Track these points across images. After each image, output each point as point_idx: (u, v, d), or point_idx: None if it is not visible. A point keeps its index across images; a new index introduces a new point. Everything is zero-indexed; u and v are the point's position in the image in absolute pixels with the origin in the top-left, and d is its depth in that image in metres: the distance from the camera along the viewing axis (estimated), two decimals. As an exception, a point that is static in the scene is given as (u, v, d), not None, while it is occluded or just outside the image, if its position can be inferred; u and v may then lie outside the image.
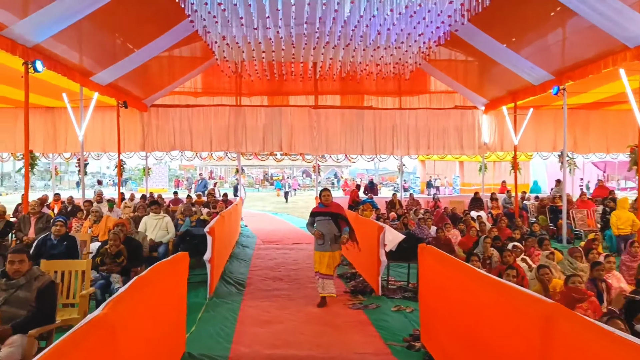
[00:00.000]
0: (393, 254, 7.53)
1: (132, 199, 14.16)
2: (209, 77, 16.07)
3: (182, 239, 7.95)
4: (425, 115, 16.29)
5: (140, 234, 7.41)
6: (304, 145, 16.03)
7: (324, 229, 6.63)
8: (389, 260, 7.54)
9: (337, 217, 6.71)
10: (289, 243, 12.44)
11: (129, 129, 15.57)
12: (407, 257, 7.68)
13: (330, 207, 6.74)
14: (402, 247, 7.47)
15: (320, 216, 6.71)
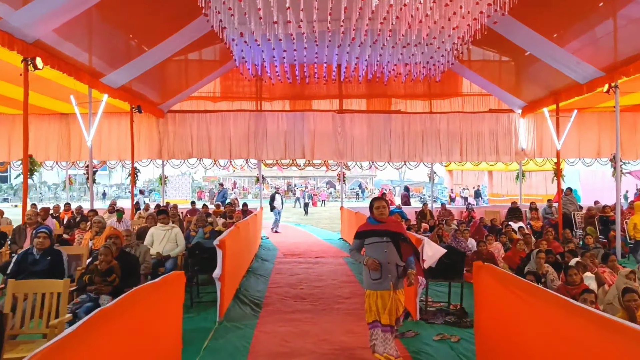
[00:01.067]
0: (432, 271, 6.49)
1: (147, 209, 13.42)
2: (228, 81, 15.32)
3: (191, 253, 7.07)
4: (458, 119, 15.23)
5: (141, 247, 6.54)
6: (327, 152, 15.11)
7: (381, 257, 4.43)
8: (427, 279, 6.51)
9: (398, 238, 4.50)
10: (312, 256, 11.47)
11: (144, 135, 14.90)
12: (448, 274, 6.65)
13: (388, 225, 4.55)
14: (442, 262, 6.42)
15: (373, 237, 4.54)
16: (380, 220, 4.55)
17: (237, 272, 7.78)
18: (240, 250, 8.00)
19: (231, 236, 6.80)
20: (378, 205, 4.59)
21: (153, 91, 13.78)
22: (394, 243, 4.46)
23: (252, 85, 15.22)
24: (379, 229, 4.50)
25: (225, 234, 6.51)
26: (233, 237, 7.03)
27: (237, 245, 7.63)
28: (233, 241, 6.98)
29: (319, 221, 22.34)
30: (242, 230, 8.36)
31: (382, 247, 4.43)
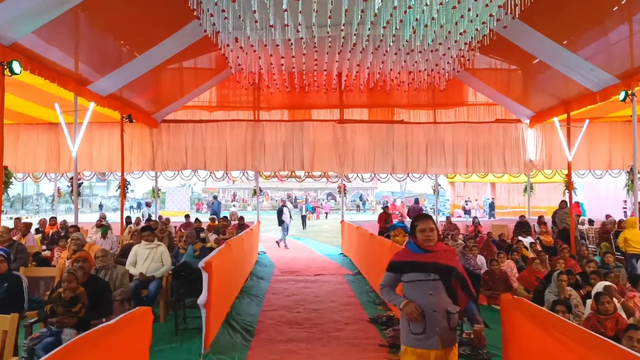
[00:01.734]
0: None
1: (138, 224, 12.80)
2: (224, 90, 14.77)
3: (176, 274, 6.43)
4: (463, 129, 14.64)
5: (119, 269, 5.89)
6: (328, 164, 14.51)
7: (426, 301, 3.24)
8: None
9: (450, 274, 3.29)
10: (311, 274, 10.81)
11: (137, 146, 14.31)
12: (460, 298, 5.99)
13: (438, 255, 3.31)
14: (455, 286, 5.77)
15: (415, 273, 3.31)
16: (427, 247, 3.29)
17: (228, 294, 7.14)
18: (232, 271, 7.36)
19: (220, 256, 6.16)
20: (424, 227, 3.32)
21: (145, 100, 13.21)
22: (444, 282, 3.23)
23: (249, 94, 14.66)
24: (424, 262, 3.26)
25: (213, 254, 5.87)
26: (223, 256, 6.39)
27: (229, 265, 6.99)
28: (223, 261, 6.34)
29: (319, 234, 21.69)
30: (235, 248, 7.72)
31: (428, 287, 3.22)
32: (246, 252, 9.60)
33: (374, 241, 9.03)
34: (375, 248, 8.66)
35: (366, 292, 8.71)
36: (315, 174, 15.29)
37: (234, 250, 7.57)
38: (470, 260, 9.08)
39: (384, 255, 7.57)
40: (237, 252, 8.09)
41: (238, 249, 8.23)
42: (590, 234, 13.04)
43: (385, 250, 7.61)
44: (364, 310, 7.54)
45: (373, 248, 8.98)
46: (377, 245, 8.51)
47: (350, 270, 11.34)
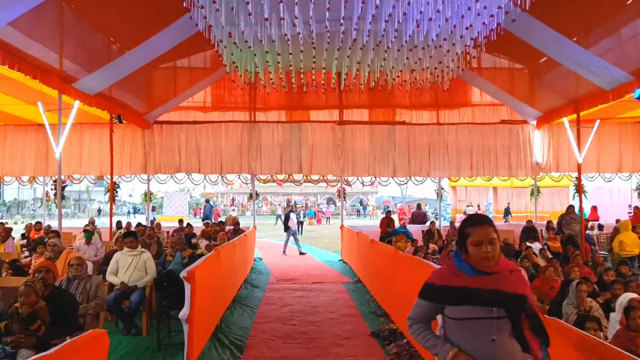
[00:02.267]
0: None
1: (129, 228, 12.24)
2: (219, 90, 14.24)
3: (158, 284, 5.89)
4: (467, 131, 14.11)
5: (94, 279, 5.33)
6: (327, 167, 13.97)
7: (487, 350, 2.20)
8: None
9: (520, 307, 2.22)
10: (309, 282, 10.25)
11: (128, 148, 13.78)
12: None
13: (501, 279, 2.24)
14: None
15: (468, 305, 2.24)
16: (485, 266, 2.24)
17: (217, 306, 6.58)
18: (221, 280, 6.80)
19: (207, 265, 5.61)
20: (480, 239, 2.25)
21: (137, 100, 12.70)
22: (512, 319, 2.20)
23: (245, 95, 14.15)
24: (482, 289, 2.21)
25: (198, 262, 5.32)
26: (210, 265, 5.84)
27: (217, 275, 6.44)
28: (210, 270, 5.79)
29: (318, 240, 21.12)
30: (226, 256, 7.18)
31: (490, 329, 2.19)
32: (239, 259, 9.05)
33: (375, 248, 8.48)
34: (377, 255, 8.12)
35: (367, 302, 8.15)
36: (314, 178, 14.73)
37: (224, 258, 7.02)
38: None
39: (387, 263, 7.03)
40: (228, 260, 7.54)
41: (229, 256, 7.68)
42: (600, 239, 12.48)
43: (388, 257, 7.07)
44: (364, 322, 6.99)
45: (374, 255, 8.43)
46: (379, 252, 7.97)
47: (350, 278, 10.79)
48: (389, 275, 6.92)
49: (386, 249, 7.41)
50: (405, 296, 5.77)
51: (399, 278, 6.35)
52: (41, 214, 45.86)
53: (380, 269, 7.73)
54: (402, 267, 6.25)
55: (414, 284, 5.53)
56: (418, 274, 5.48)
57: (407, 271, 5.97)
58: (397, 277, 6.48)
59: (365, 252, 9.44)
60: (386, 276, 7.12)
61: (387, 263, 7.11)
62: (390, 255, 6.90)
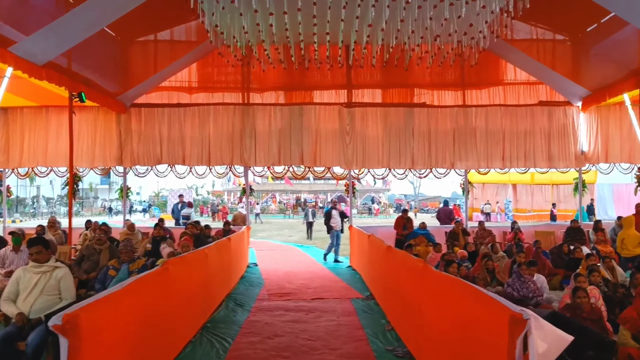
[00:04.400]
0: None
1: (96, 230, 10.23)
2: (207, 68, 12.18)
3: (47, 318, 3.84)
4: (499, 114, 11.93)
5: None
6: (333, 157, 11.86)
7: None
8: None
9: None
10: (307, 298, 8.15)
11: (101, 136, 11.77)
12: None
13: None
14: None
15: None
16: None
17: (166, 343, 4.50)
18: (172, 309, 4.71)
19: (132, 292, 3.55)
20: None
21: (107, 77, 10.73)
22: None
23: (237, 73, 12.07)
24: None
25: (97, 297, 3.24)
26: (142, 291, 3.78)
27: (161, 304, 4.36)
28: (135, 303, 3.72)
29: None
30: (184, 271, 5.12)
31: None
32: (215, 271, 6.96)
33: (393, 257, 6.36)
34: (397, 267, 6.00)
35: (382, 332, 6.03)
36: (318, 170, 12.63)
37: (181, 275, 4.95)
38: (528, 284, 6.43)
39: (412, 282, 4.94)
40: (191, 276, 5.48)
41: (194, 270, 5.61)
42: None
43: (413, 274, 4.97)
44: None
45: (392, 266, 6.32)
46: (399, 264, 5.85)
47: (360, 291, 8.69)
48: (415, 299, 4.84)
49: (410, 262, 5.28)
50: (445, 338, 3.71)
51: (433, 307, 4.26)
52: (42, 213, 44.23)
53: (401, 288, 5.63)
54: (438, 292, 4.16)
55: (458, 319, 3.47)
56: (466, 305, 3.41)
57: (447, 298, 3.88)
58: (429, 305, 4.39)
59: (379, 260, 7.32)
60: (411, 300, 5.03)
61: (412, 281, 5.02)
62: (417, 271, 4.79)
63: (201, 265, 6.08)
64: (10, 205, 50.69)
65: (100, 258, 6.69)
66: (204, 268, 6.19)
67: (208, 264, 6.37)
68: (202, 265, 6.11)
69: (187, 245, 6.48)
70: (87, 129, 11.74)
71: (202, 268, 6.13)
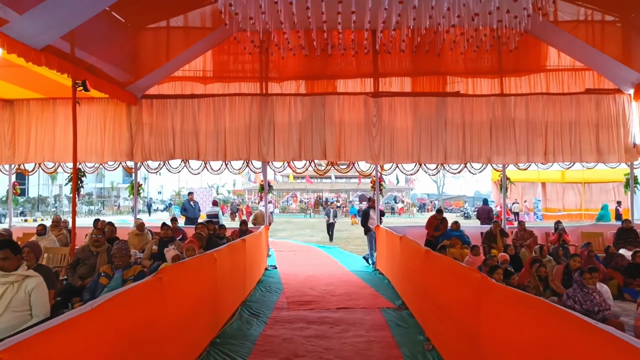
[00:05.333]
0: None
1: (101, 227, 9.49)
2: (222, 56, 11.35)
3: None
4: (540, 104, 10.84)
5: None
6: (358, 151, 10.92)
7: None
8: None
9: None
10: (332, 307, 7.24)
11: (111, 129, 11.05)
12: None
13: None
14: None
15: None
16: None
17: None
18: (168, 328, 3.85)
19: (97, 318, 2.69)
20: None
21: (115, 65, 9.98)
22: None
23: (254, 61, 11.22)
24: None
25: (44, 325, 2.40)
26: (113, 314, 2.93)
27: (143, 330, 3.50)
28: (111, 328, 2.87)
29: (348, 242, 18.07)
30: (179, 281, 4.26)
31: None
32: (225, 278, 6.09)
33: (433, 263, 5.39)
34: (438, 275, 5.05)
35: (421, 352, 5.08)
36: (342, 166, 11.71)
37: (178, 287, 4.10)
38: (593, 296, 5.43)
39: (459, 292, 4.00)
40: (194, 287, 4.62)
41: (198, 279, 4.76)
42: None
43: (463, 283, 4.03)
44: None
45: (432, 274, 5.37)
46: (443, 271, 4.90)
47: (389, 299, 7.76)
48: (468, 316, 3.90)
49: (461, 272, 4.32)
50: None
51: (496, 330, 3.32)
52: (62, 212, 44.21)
53: (445, 300, 4.69)
54: (504, 311, 3.21)
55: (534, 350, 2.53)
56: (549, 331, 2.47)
57: (518, 322, 2.94)
58: (490, 326, 3.45)
59: (415, 266, 6.37)
60: (461, 316, 4.08)
61: (463, 294, 4.07)
62: (471, 283, 3.84)
63: (209, 271, 5.23)
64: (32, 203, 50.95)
65: (97, 262, 5.89)
66: (212, 274, 5.33)
67: (218, 269, 5.51)
68: (210, 271, 5.25)
69: (192, 249, 5.62)
70: (97, 122, 11.05)
71: (211, 274, 5.28)
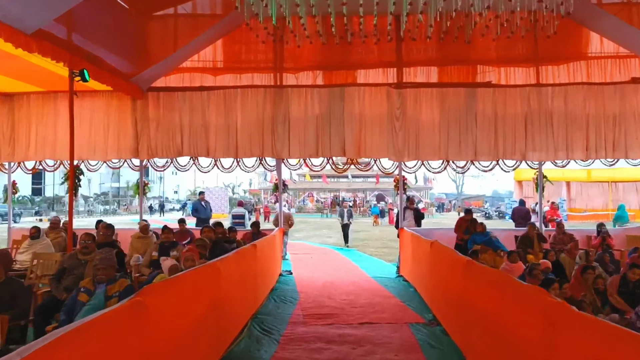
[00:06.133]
0: None
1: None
2: (234, 45, 10.56)
3: None
4: (581, 94, 9.86)
5: None
6: (380, 147, 10.05)
7: None
8: None
9: None
10: (353, 322, 6.39)
11: (115, 124, 10.36)
12: None
13: None
14: None
15: None
16: None
17: None
18: None
19: None
20: None
21: (118, 54, 9.25)
22: None
23: (268, 50, 10.41)
24: None
25: None
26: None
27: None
28: None
29: (367, 244, 17.18)
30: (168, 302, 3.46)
31: None
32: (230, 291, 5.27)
33: (482, 277, 4.50)
34: (490, 293, 4.17)
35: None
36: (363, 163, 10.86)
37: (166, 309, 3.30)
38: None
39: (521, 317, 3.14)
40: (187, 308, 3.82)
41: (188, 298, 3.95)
42: None
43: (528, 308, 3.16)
44: None
45: (476, 288, 4.50)
46: (495, 289, 4.02)
47: (419, 312, 6.89)
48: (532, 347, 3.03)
49: (526, 293, 3.44)
50: None
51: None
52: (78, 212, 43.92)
53: (501, 325, 3.80)
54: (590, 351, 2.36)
55: None
56: None
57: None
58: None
59: (452, 278, 5.48)
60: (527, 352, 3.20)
61: (529, 324, 3.19)
62: (541, 307, 2.96)
63: (211, 284, 4.43)
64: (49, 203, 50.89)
65: (85, 272, 5.13)
66: (215, 288, 4.53)
67: (223, 281, 4.71)
68: (212, 285, 4.45)
69: (190, 259, 4.80)
70: (100, 117, 10.36)
71: (213, 288, 4.48)
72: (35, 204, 46.60)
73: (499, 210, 44.04)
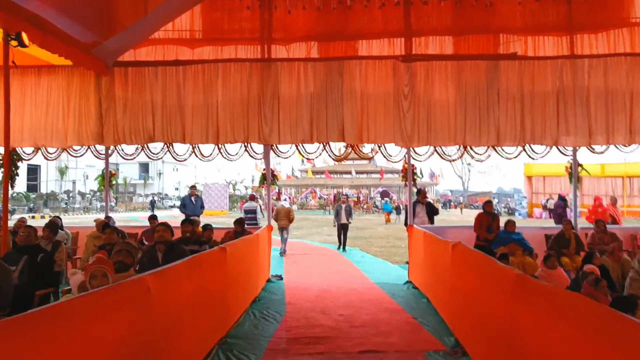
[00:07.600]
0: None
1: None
2: (215, 12, 9.02)
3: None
4: (623, 68, 8.30)
5: None
6: (385, 131, 8.53)
7: None
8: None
9: None
10: (352, 349, 4.86)
11: (75, 106, 8.87)
12: None
13: None
14: None
15: None
16: None
17: None
18: None
19: None
20: None
21: (72, 18, 7.73)
22: None
23: (254, 18, 8.87)
24: None
25: None
26: None
27: None
28: None
29: (371, 243, 15.67)
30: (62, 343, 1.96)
31: None
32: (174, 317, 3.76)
33: (541, 299, 3.00)
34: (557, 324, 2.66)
35: None
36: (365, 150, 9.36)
37: None
38: None
39: None
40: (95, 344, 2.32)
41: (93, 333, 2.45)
42: None
43: None
44: None
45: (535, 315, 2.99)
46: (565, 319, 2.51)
47: (435, 333, 5.37)
48: None
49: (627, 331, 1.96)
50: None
51: None
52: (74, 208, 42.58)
53: None
54: None
55: None
56: None
57: None
58: None
59: (490, 296, 3.96)
60: None
61: None
62: None
63: (135, 310, 2.93)
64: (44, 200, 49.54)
65: None
66: (142, 314, 3.03)
67: (155, 303, 3.21)
68: (136, 311, 2.96)
69: (98, 275, 3.16)
70: (58, 96, 8.88)
71: (138, 315, 2.98)
72: (30, 200, 45.19)
73: (507, 206, 42.53)
